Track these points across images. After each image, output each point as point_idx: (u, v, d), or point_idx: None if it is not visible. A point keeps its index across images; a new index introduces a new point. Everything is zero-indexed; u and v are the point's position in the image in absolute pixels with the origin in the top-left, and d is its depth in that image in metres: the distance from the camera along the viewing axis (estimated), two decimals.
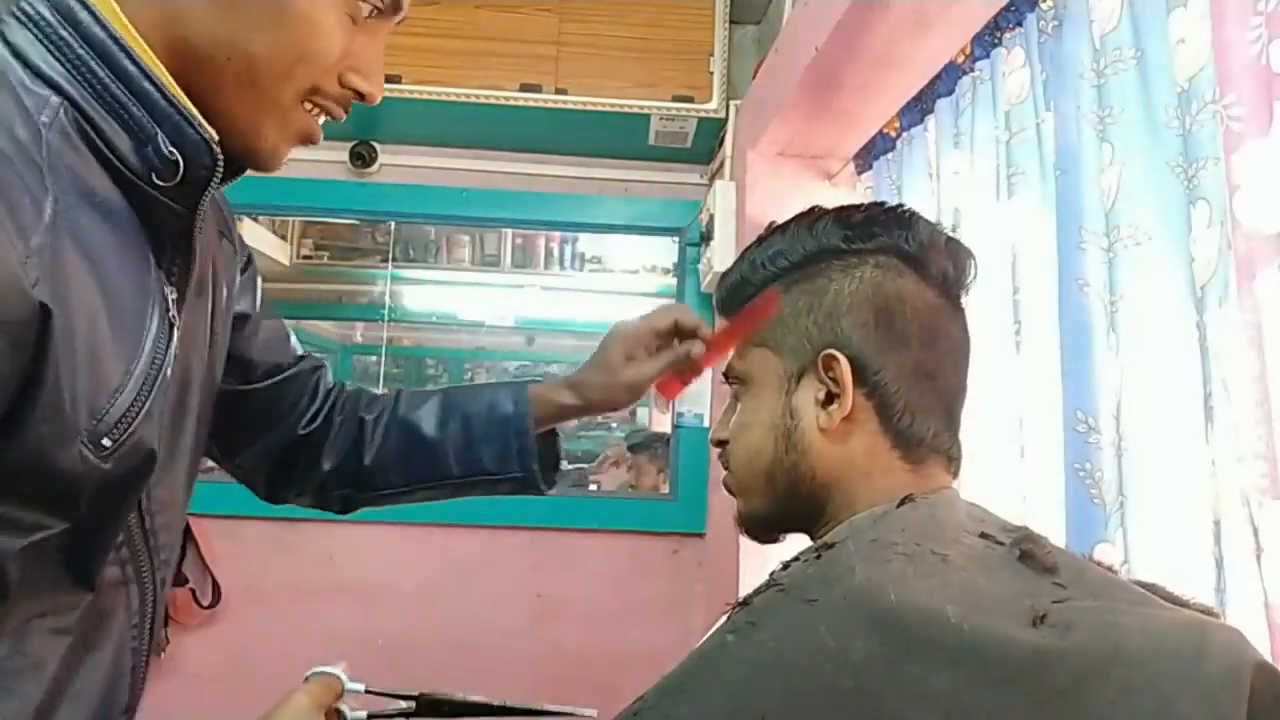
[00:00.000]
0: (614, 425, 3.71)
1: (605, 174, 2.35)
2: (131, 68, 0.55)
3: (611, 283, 3.08)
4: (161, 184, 0.58)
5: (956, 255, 0.70)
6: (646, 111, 2.10)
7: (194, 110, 0.58)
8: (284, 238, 3.10)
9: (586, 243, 3.05)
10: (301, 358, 0.98)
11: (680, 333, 0.94)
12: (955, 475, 0.71)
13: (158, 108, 0.56)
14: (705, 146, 2.24)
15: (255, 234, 2.90)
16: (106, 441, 0.55)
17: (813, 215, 0.72)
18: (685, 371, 0.93)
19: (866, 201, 0.73)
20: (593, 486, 3.12)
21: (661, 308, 0.96)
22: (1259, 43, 0.79)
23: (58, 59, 0.54)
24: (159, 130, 0.57)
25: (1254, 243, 0.79)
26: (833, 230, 0.70)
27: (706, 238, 2.08)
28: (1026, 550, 0.59)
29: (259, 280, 0.92)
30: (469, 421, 0.96)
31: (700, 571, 2.19)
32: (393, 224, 2.84)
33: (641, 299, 3.09)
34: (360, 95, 0.67)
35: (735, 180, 2.01)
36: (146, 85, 0.56)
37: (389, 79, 2.07)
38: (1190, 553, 0.87)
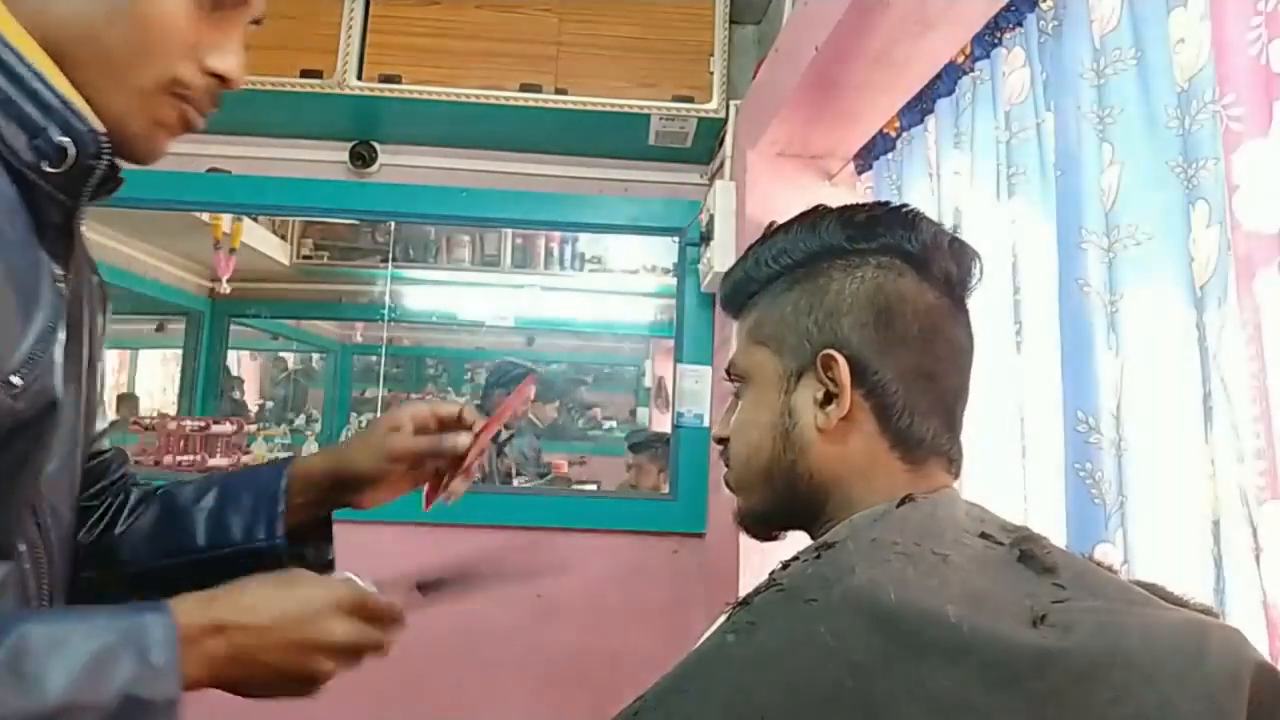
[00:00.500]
0: (614, 425, 3.71)
1: (605, 174, 2.35)
2: (21, 69, 0.60)
3: (611, 283, 3.08)
4: (51, 171, 0.62)
5: (961, 256, 0.70)
6: (646, 111, 2.10)
7: (81, 104, 0.62)
8: (284, 238, 3.10)
9: (586, 243, 3.06)
10: (108, 448, 0.92)
11: (443, 424, 0.89)
12: (956, 476, 0.71)
13: (47, 104, 0.60)
14: (705, 146, 2.24)
15: (255, 234, 2.91)
16: (16, 380, 0.58)
17: (816, 214, 0.72)
18: (449, 464, 0.89)
19: (871, 201, 0.73)
20: (592, 486, 3.12)
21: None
22: (1259, 43, 0.79)
23: None
24: (50, 124, 0.61)
25: (1253, 242, 0.79)
26: (836, 229, 0.70)
27: (706, 238, 2.08)
28: (1026, 550, 0.59)
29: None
30: (225, 491, 0.89)
31: (700, 571, 2.19)
32: (393, 224, 2.85)
33: (641, 299, 3.09)
34: (222, 79, 0.69)
35: (735, 180, 2.01)
36: (36, 85, 0.60)
37: (389, 79, 2.08)
38: (1189, 552, 0.87)
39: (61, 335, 0.64)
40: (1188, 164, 0.90)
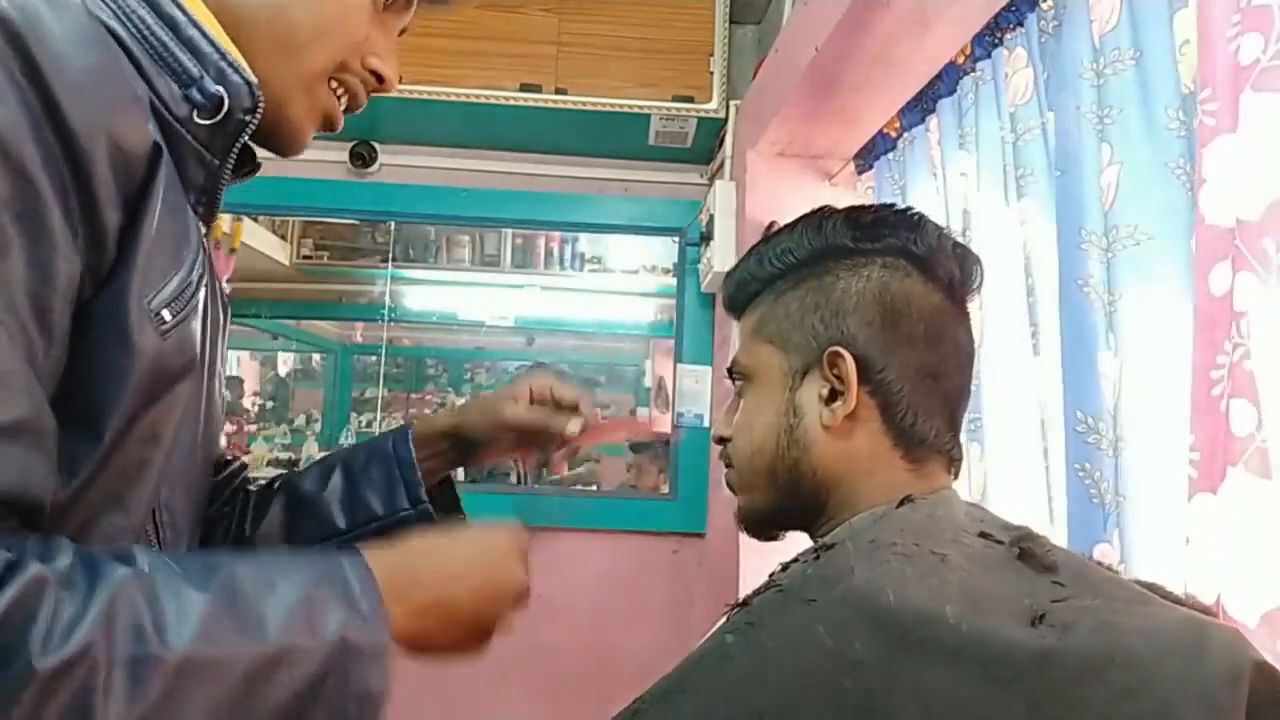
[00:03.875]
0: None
1: (605, 174, 2.35)
2: (179, 14, 0.58)
3: (611, 283, 3.08)
4: (201, 123, 0.59)
5: (964, 260, 0.71)
6: (646, 111, 2.10)
7: (238, 55, 0.60)
8: (284, 238, 3.10)
9: (586, 243, 3.05)
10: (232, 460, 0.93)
11: (557, 401, 0.91)
12: (956, 476, 0.71)
13: (202, 53, 0.58)
14: (705, 146, 2.24)
15: (255, 234, 2.90)
16: (166, 314, 0.55)
17: (822, 214, 0.73)
18: (556, 443, 0.91)
19: (875, 203, 0.74)
20: (592, 486, 3.12)
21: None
22: (1236, 39, 0.79)
23: (108, 5, 0.56)
24: (205, 74, 0.58)
25: (1212, 235, 0.79)
26: (841, 229, 0.71)
27: (706, 238, 2.08)
28: (1026, 549, 0.59)
29: None
30: (349, 469, 0.89)
31: (700, 571, 2.19)
32: (393, 224, 2.84)
33: (641, 299, 3.08)
34: (379, 79, 0.69)
35: (735, 180, 2.01)
36: (192, 32, 0.58)
37: None
38: (1184, 552, 0.87)
39: (203, 295, 0.61)
40: (1191, 165, 0.90)
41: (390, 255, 2.97)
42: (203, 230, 0.64)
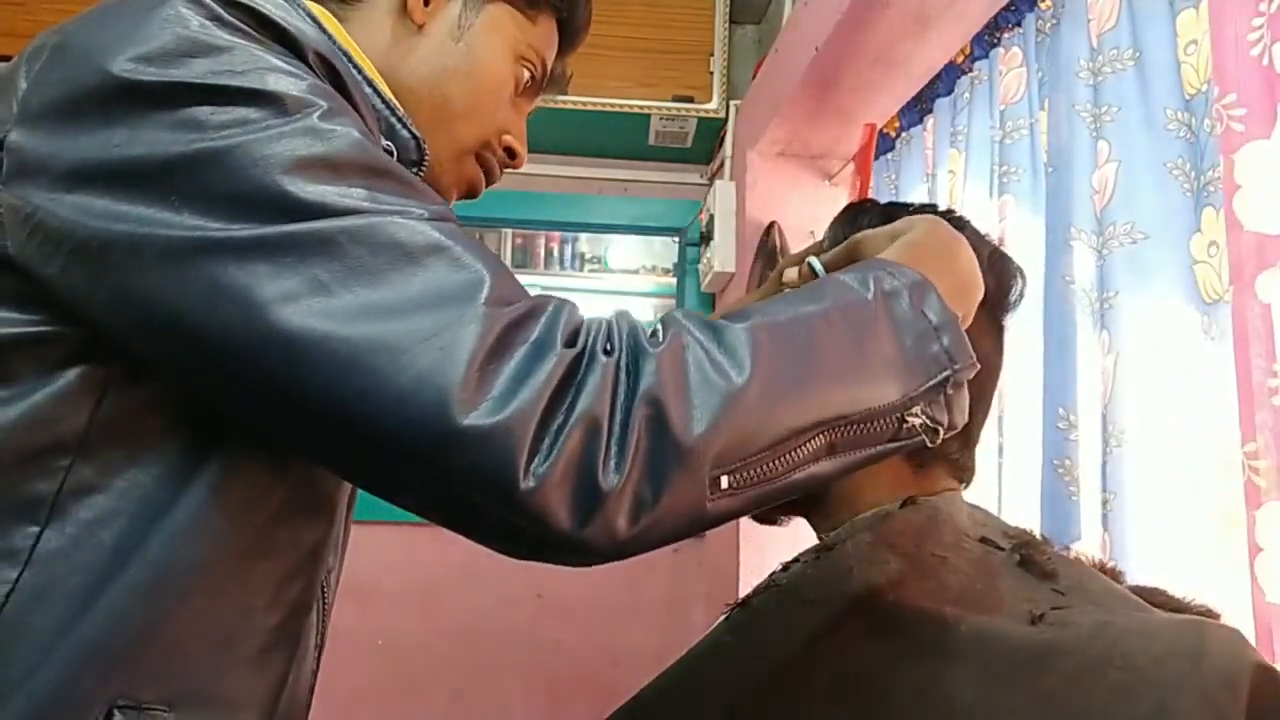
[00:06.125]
0: None
1: (605, 174, 2.35)
2: (355, 73, 0.62)
3: (611, 283, 3.07)
4: None
5: (1001, 272, 0.69)
6: (646, 111, 2.10)
7: (404, 112, 0.64)
8: None
9: (586, 243, 3.05)
10: None
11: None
12: (965, 485, 0.70)
13: (374, 109, 0.63)
14: (705, 146, 2.24)
15: None
16: None
17: (859, 207, 0.73)
18: None
19: (915, 202, 0.74)
20: None
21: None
22: (1261, 44, 0.79)
23: None
24: (375, 128, 0.62)
25: (1256, 242, 0.78)
26: (875, 224, 0.70)
27: (706, 238, 2.08)
28: (1026, 555, 0.59)
29: None
30: None
31: (700, 572, 2.19)
32: None
33: (641, 299, 3.08)
34: (511, 156, 0.74)
35: (735, 180, 2.01)
36: (367, 90, 0.62)
37: None
38: (1188, 554, 0.87)
39: None
40: (1200, 167, 0.90)
41: None
42: None
